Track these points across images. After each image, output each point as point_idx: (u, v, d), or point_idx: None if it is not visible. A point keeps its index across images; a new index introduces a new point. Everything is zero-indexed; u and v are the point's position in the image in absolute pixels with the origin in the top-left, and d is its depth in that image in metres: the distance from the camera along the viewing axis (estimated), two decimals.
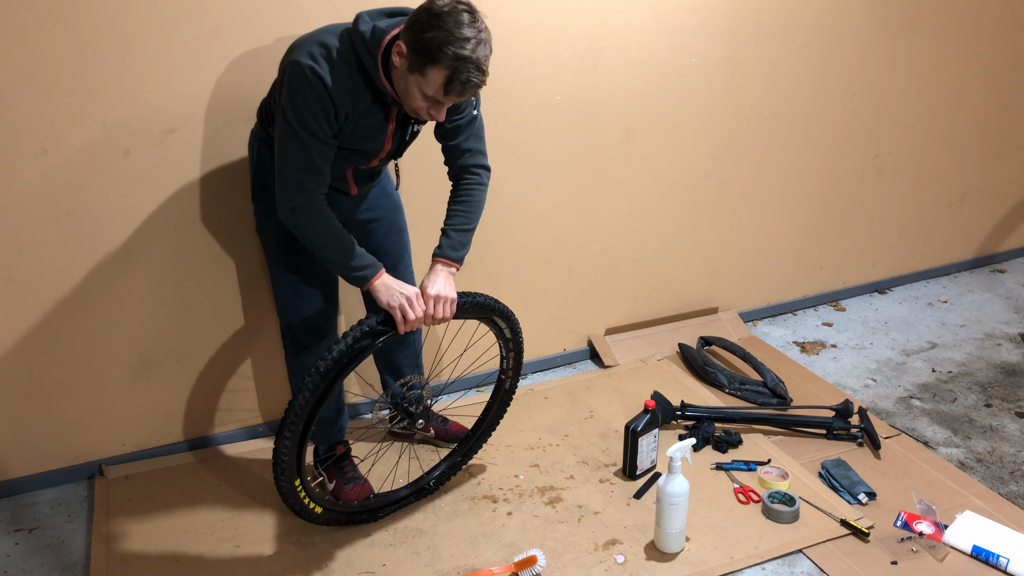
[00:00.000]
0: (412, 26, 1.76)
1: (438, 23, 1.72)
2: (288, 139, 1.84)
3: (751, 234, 3.30)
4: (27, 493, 2.39)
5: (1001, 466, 2.50)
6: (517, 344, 2.29)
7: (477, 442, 2.42)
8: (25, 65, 2.04)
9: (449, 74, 1.75)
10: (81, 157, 2.17)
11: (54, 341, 2.29)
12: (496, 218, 2.74)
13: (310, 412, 1.92)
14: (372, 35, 1.83)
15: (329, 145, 1.88)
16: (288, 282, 2.16)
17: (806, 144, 3.25)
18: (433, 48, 1.72)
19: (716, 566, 2.08)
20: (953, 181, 3.70)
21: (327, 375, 1.90)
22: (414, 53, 1.76)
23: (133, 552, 2.13)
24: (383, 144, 2.01)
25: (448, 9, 1.73)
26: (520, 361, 2.33)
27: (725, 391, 2.88)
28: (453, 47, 1.72)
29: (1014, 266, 4.00)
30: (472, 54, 1.74)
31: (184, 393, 2.50)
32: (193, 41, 2.18)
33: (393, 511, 2.27)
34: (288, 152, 1.85)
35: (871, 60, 3.23)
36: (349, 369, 1.94)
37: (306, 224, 1.90)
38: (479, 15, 1.77)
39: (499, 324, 2.22)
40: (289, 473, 1.95)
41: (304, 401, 1.89)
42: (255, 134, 2.11)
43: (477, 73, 1.76)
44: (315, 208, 1.89)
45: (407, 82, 1.82)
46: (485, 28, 1.77)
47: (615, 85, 2.78)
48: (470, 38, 1.73)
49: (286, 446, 1.91)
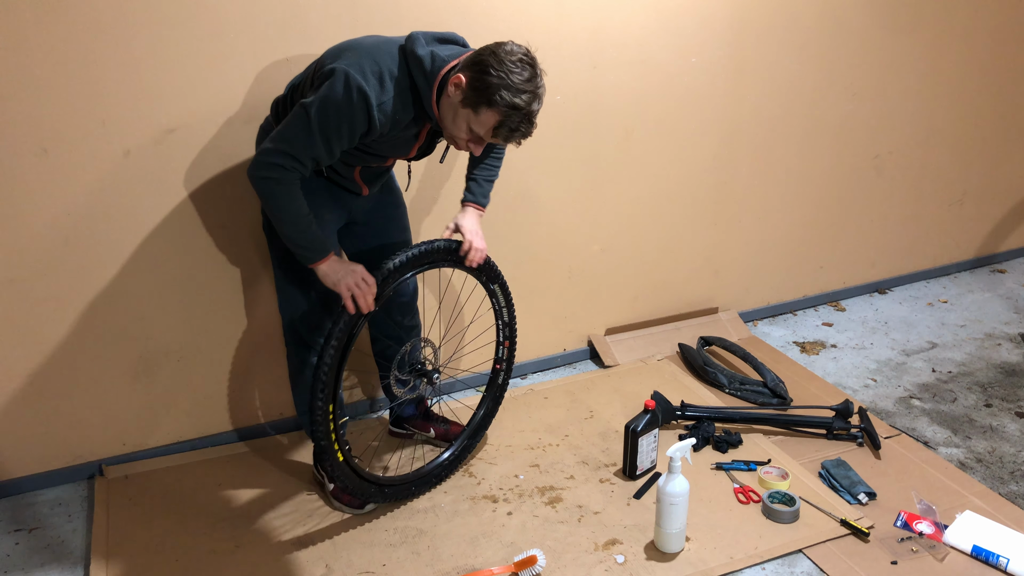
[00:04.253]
0: (476, 64, 1.83)
1: (502, 70, 1.80)
2: (298, 129, 1.86)
3: (751, 234, 3.30)
4: (27, 493, 2.39)
5: (1001, 466, 2.50)
6: (509, 307, 2.43)
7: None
8: (25, 65, 2.04)
9: (501, 119, 1.84)
10: (81, 157, 2.16)
11: (54, 341, 2.29)
12: (496, 218, 2.74)
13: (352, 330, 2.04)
14: (432, 63, 1.87)
15: (331, 156, 1.91)
16: (294, 280, 2.17)
17: (806, 144, 3.26)
18: (492, 91, 1.80)
19: (716, 566, 2.08)
20: (953, 181, 3.70)
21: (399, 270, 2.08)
22: (472, 90, 1.82)
23: (133, 552, 2.13)
24: (407, 153, 2.07)
25: (515, 59, 1.82)
26: (511, 310, 2.44)
27: (725, 391, 2.88)
28: (511, 95, 1.81)
29: (1014, 266, 4.00)
30: (527, 106, 1.83)
31: (184, 393, 2.50)
32: (193, 41, 2.18)
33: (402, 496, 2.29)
34: (290, 137, 1.87)
35: (871, 60, 3.23)
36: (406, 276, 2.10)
37: (270, 192, 1.91)
38: (540, 72, 1.86)
39: (493, 289, 2.36)
40: (328, 392, 2.02)
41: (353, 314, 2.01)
42: (266, 132, 2.11)
43: (527, 124, 1.86)
44: (285, 184, 1.91)
45: (456, 113, 1.88)
46: (543, 85, 1.87)
47: (615, 85, 2.78)
48: (528, 91, 1.82)
49: (330, 355, 2.00)
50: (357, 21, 2.33)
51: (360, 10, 2.33)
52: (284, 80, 2.30)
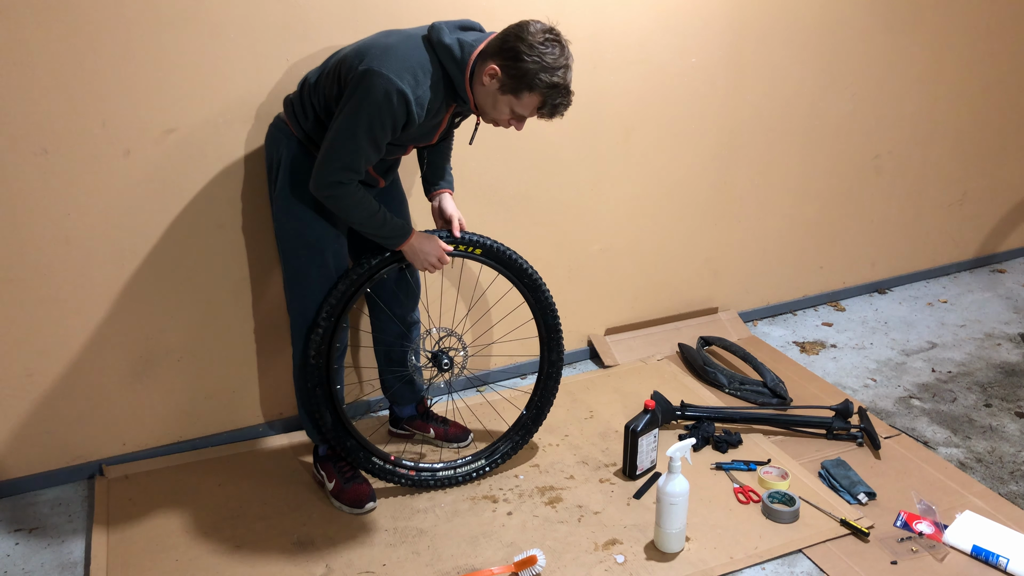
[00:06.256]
0: (507, 52, 1.90)
1: (534, 54, 1.88)
2: (346, 140, 1.93)
3: (751, 234, 3.30)
4: (27, 493, 2.39)
5: (1001, 466, 2.50)
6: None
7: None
8: (25, 65, 2.04)
9: (543, 99, 1.94)
10: (81, 157, 2.16)
11: (54, 341, 2.29)
12: (496, 218, 2.74)
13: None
14: (461, 50, 1.95)
15: (380, 152, 1.99)
16: (304, 278, 2.17)
17: (806, 144, 3.26)
18: (531, 77, 1.89)
19: (716, 566, 2.08)
20: (953, 181, 3.70)
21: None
22: (510, 78, 1.91)
23: (133, 552, 2.13)
24: (431, 139, 2.13)
25: (543, 40, 1.90)
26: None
27: (725, 391, 2.88)
28: (549, 75, 1.90)
29: (1014, 266, 4.00)
30: (563, 81, 1.93)
31: (184, 393, 2.50)
32: (193, 41, 2.18)
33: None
34: (341, 151, 1.93)
35: (871, 60, 3.24)
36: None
37: (338, 204, 2.01)
38: (565, 42, 1.94)
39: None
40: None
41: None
42: (281, 130, 2.11)
43: (567, 97, 1.96)
44: (350, 191, 2.00)
45: (496, 100, 1.96)
46: (571, 54, 1.95)
47: (615, 85, 2.78)
48: (562, 66, 1.91)
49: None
50: (357, 21, 2.33)
51: (360, 10, 2.33)
52: (284, 80, 2.30)
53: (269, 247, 2.45)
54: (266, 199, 2.38)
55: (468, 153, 2.53)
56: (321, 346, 2.17)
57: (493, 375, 2.95)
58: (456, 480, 2.36)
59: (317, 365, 2.18)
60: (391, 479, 2.31)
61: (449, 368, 2.36)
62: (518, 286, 2.38)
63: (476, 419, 2.69)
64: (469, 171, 2.61)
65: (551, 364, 2.45)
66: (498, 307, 2.83)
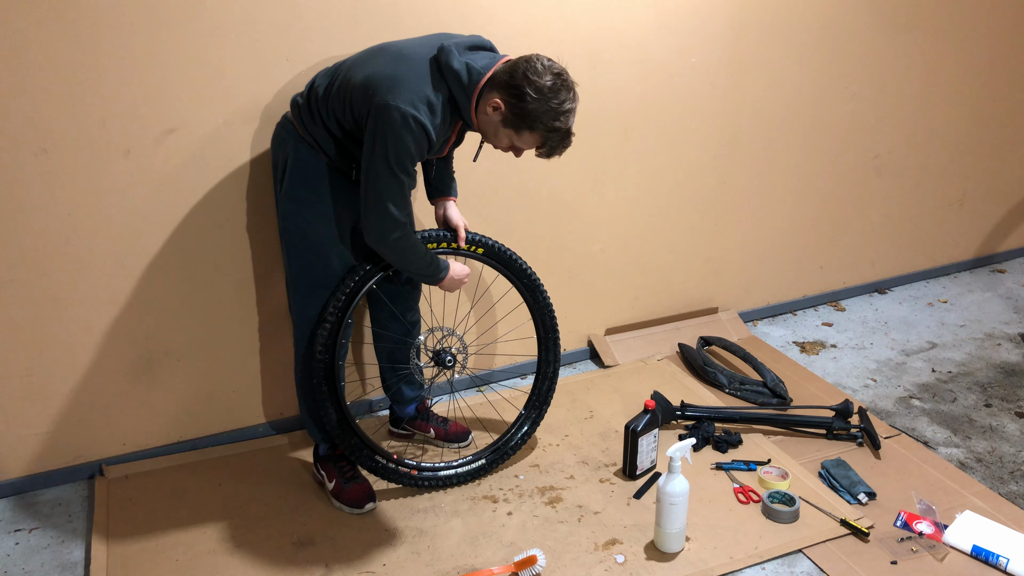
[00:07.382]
0: (512, 90, 1.92)
1: (540, 98, 1.90)
2: (385, 180, 1.95)
3: (751, 234, 3.30)
4: (27, 493, 2.39)
5: (1001, 466, 2.50)
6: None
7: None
8: (25, 65, 2.04)
9: (543, 140, 1.98)
10: (81, 157, 2.16)
11: (54, 341, 2.29)
12: (496, 218, 2.74)
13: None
14: (469, 76, 1.96)
15: (413, 179, 2.02)
16: (308, 279, 2.17)
17: (806, 144, 3.26)
18: (533, 118, 1.93)
19: (716, 566, 2.08)
20: (953, 181, 3.70)
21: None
22: (513, 115, 1.94)
23: (133, 552, 2.13)
24: (441, 153, 2.15)
25: (550, 83, 1.91)
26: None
27: (725, 391, 2.88)
28: (551, 119, 1.93)
29: (1014, 266, 4.00)
30: (564, 126, 1.96)
31: (184, 393, 2.50)
32: (193, 41, 2.18)
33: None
34: (386, 191, 1.96)
35: (871, 60, 3.23)
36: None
37: (398, 250, 2.06)
38: (572, 84, 1.96)
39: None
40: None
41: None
42: (288, 131, 2.11)
43: (567, 139, 1.99)
44: (408, 237, 2.05)
45: (498, 129, 2.00)
46: (576, 96, 1.98)
47: (615, 85, 2.78)
48: (565, 111, 1.94)
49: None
50: (357, 21, 2.33)
51: (360, 10, 2.33)
52: (284, 80, 2.30)
53: (270, 247, 2.45)
54: (267, 199, 2.38)
55: (468, 152, 2.53)
56: (328, 341, 2.17)
57: (493, 375, 2.95)
58: (457, 480, 2.36)
59: (323, 360, 2.18)
60: (393, 478, 2.31)
61: (452, 365, 2.36)
62: (518, 286, 2.39)
63: (476, 419, 2.69)
64: (469, 171, 2.61)
65: (549, 364, 2.46)
66: (499, 307, 2.83)
